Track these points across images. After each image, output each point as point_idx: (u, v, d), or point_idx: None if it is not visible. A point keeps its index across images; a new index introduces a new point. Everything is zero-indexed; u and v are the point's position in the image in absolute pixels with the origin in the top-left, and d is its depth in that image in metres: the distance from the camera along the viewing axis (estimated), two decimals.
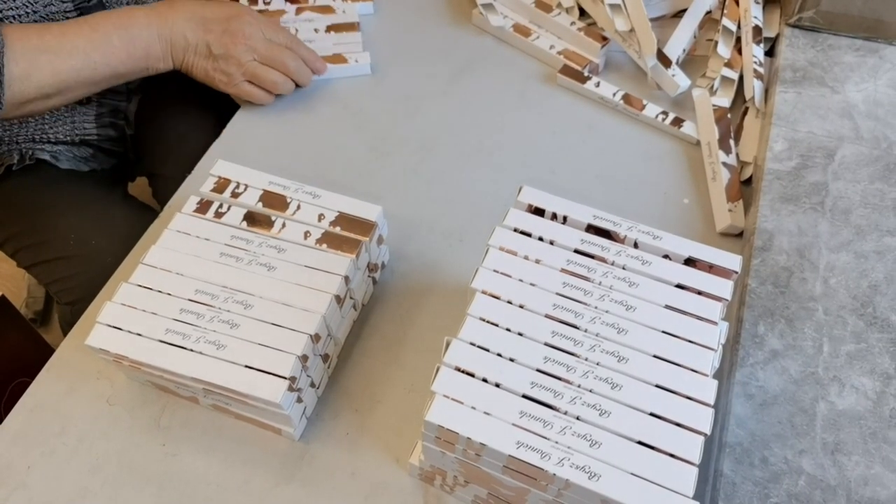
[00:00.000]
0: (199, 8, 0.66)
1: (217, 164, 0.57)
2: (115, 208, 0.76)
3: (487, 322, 0.44)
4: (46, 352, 0.59)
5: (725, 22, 0.75)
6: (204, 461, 0.52)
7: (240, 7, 0.69)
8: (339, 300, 0.53)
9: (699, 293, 0.45)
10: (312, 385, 0.53)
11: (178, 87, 0.80)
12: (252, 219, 0.54)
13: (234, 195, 0.55)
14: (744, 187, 0.66)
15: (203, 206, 0.55)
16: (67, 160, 0.76)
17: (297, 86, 0.73)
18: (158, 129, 0.82)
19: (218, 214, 0.55)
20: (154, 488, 0.51)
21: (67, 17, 0.65)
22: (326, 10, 0.81)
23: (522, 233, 0.48)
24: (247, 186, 0.56)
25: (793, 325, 0.54)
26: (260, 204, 0.55)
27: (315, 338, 0.50)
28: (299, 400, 0.51)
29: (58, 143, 0.75)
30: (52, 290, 0.76)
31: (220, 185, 0.56)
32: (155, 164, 0.83)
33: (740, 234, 0.64)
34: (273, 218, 0.54)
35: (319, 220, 0.55)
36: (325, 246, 0.53)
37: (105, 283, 0.60)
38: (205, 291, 0.50)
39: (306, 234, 0.53)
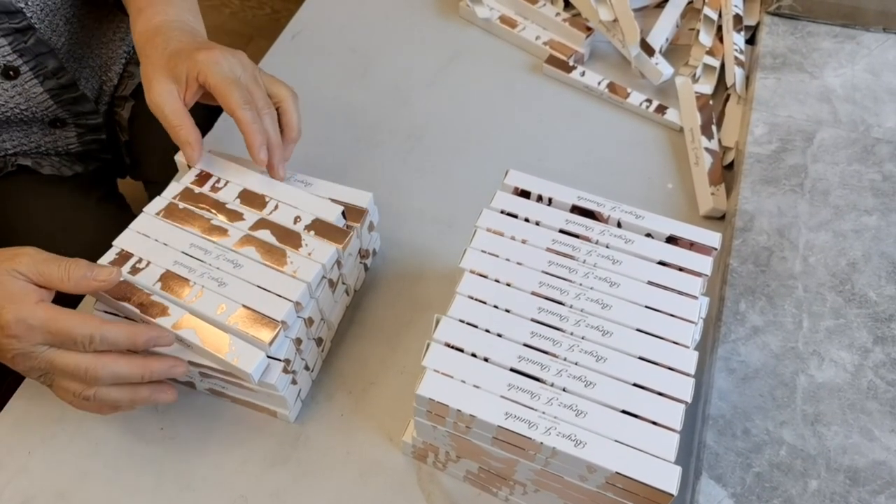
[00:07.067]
0: None
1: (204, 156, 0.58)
2: (87, 217, 0.75)
3: (476, 300, 0.45)
4: None
5: (707, 11, 0.77)
6: (201, 443, 0.53)
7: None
8: (331, 284, 0.54)
9: (680, 269, 0.47)
10: (307, 368, 0.54)
11: None
12: (244, 200, 0.55)
13: (214, 189, 0.56)
14: (726, 171, 0.68)
15: (201, 180, 0.56)
16: (51, 166, 0.76)
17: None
18: (153, 136, 0.81)
19: (214, 189, 0.56)
20: (153, 470, 0.52)
21: (7, 60, 0.65)
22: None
23: (509, 214, 0.50)
24: (227, 182, 0.56)
25: (773, 302, 0.56)
26: (239, 199, 0.55)
27: (308, 321, 0.51)
28: (294, 382, 0.52)
29: (42, 154, 0.75)
30: None
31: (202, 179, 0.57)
32: (150, 172, 0.83)
33: (723, 217, 0.65)
34: (267, 199, 0.55)
35: None
36: (312, 234, 0.54)
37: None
38: (192, 257, 0.51)
39: (296, 219, 0.54)
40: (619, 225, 0.49)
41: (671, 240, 0.48)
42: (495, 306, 0.45)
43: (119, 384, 0.47)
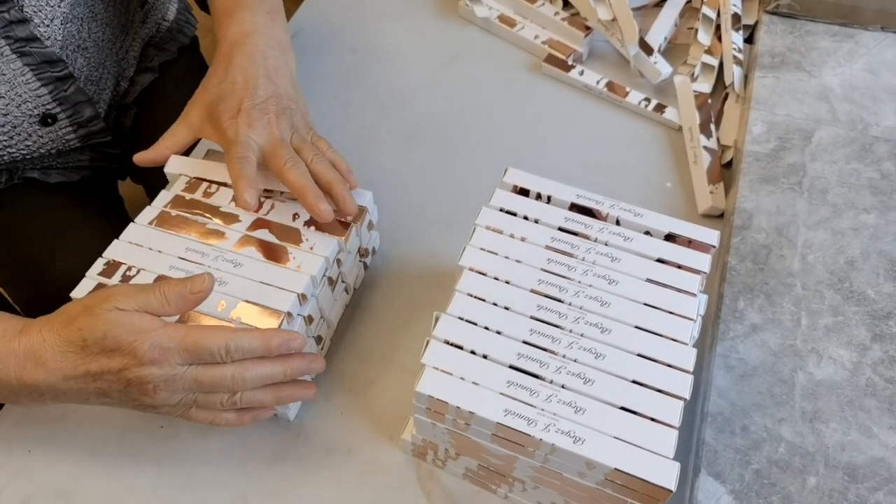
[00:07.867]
0: (72, 365, 0.43)
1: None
2: (84, 227, 0.75)
3: (475, 297, 0.45)
4: None
5: (705, 10, 0.77)
6: (201, 442, 0.53)
7: (125, 328, 0.43)
8: (331, 282, 0.54)
9: (679, 267, 0.47)
10: None
11: (174, 101, 0.81)
12: None
13: (207, 194, 0.55)
14: (724, 170, 0.68)
15: (192, 186, 0.56)
16: (58, 173, 0.76)
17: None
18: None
19: (207, 194, 0.56)
20: (153, 469, 0.52)
21: (46, 108, 0.65)
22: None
23: (508, 212, 0.50)
24: (220, 186, 0.56)
25: (772, 299, 0.56)
26: (233, 201, 0.55)
27: (308, 320, 0.51)
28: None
29: (51, 168, 0.76)
30: (23, 309, 0.76)
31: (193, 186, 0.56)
32: (152, 177, 0.83)
33: (721, 216, 0.65)
34: (263, 199, 0.55)
35: None
36: (312, 228, 0.54)
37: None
38: (189, 261, 0.51)
39: (294, 216, 0.54)
40: (617, 223, 0.49)
41: (670, 237, 0.48)
42: (494, 304, 0.45)
43: (264, 386, 0.47)
